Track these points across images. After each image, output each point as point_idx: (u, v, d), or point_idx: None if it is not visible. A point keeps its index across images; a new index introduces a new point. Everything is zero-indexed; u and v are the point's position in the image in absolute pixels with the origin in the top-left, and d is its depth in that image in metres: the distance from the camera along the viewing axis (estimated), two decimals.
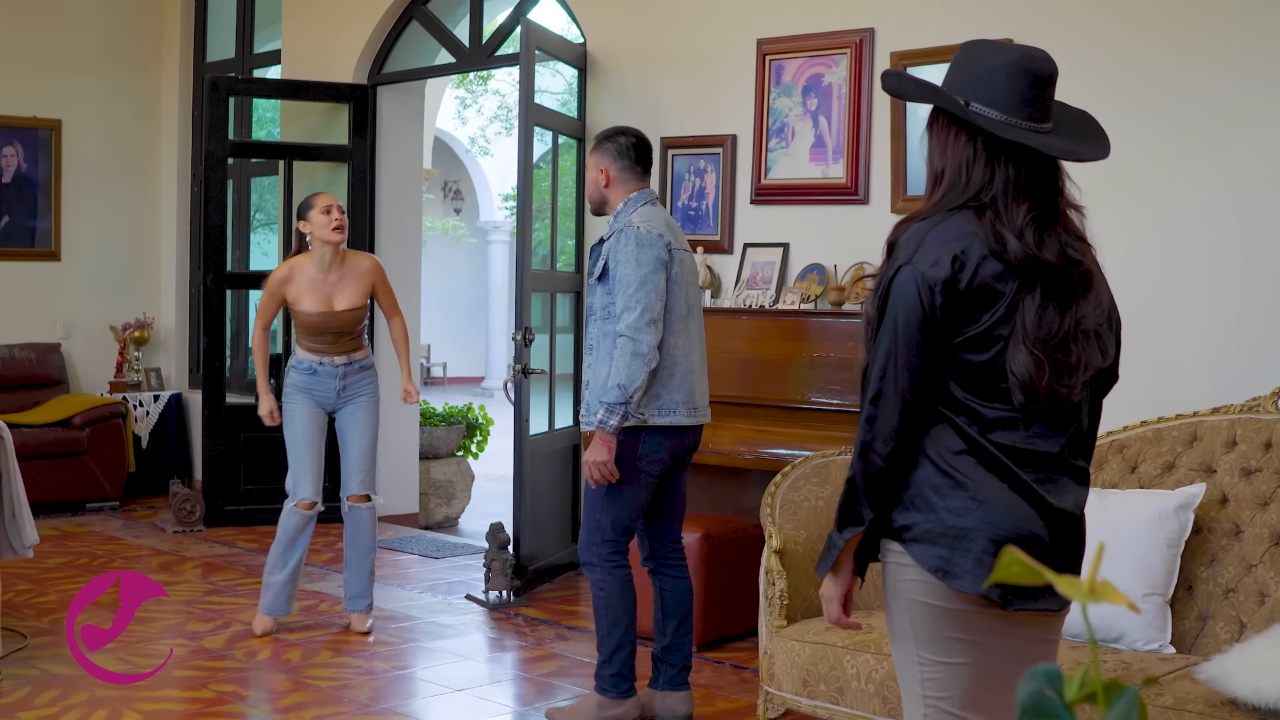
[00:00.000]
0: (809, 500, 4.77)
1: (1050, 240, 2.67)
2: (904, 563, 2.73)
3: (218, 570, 7.49)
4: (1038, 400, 2.64)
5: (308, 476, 6.11)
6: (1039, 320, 2.64)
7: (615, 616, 4.93)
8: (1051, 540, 2.69)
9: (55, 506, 8.98)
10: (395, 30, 8.88)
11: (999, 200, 2.68)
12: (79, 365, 9.96)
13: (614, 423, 4.73)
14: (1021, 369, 2.63)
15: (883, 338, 2.70)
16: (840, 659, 4.22)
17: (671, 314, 4.85)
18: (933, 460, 2.68)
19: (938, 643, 2.72)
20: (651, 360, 4.72)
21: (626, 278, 4.77)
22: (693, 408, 4.93)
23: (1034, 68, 2.71)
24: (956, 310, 2.64)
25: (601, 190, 5.05)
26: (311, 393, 6.13)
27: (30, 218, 9.80)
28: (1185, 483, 4.40)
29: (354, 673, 5.61)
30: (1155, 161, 5.53)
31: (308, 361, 6.13)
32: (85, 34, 9.97)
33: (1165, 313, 5.45)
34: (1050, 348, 2.64)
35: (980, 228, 2.66)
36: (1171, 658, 4.08)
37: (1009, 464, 2.66)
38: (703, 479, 6.67)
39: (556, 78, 13.07)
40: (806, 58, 6.66)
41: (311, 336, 6.10)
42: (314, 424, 6.14)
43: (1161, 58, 5.56)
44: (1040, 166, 2.71)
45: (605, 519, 4.91)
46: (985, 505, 2.65)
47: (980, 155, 2.71)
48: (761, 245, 6.78)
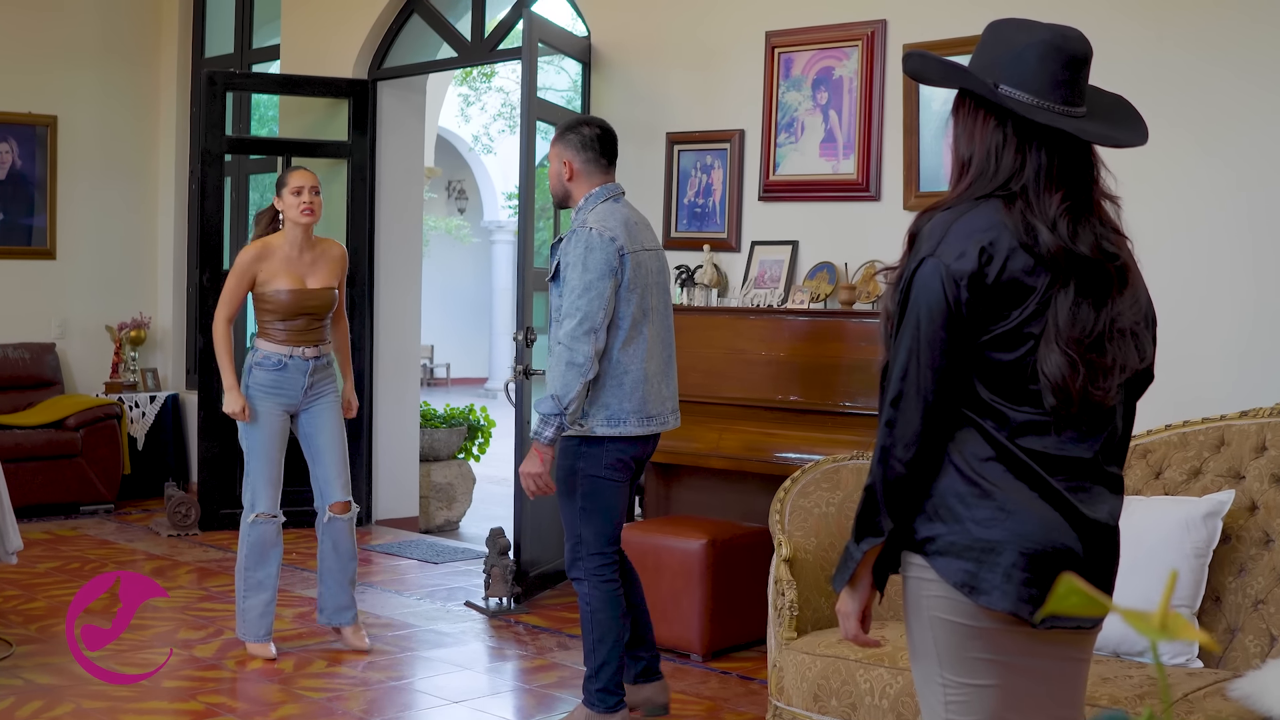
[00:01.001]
0: (819, 507, 4.59)
1: (1085, 232, 2.50)
2: (927, 577, 2.55)
3: (211, 576, 7.31)
4: (1071, 403, 2.46)
5: (269, 488, 5.74)
6: (1073, 318, 2.46)
7: (601, 632, 4.76)
8: (1085, 553, 2.51)
9: (48, 509, 8.82)
10: (396, 24, 8.71)
11: (1030, 189, 2.50)
12: (74, 365, 9.79)
13: (549, 434, 4.58)
14: (1054, 370, 2.45)
15: (904, 335, 2.52)
16: (853, 673, 4.03)
17: (622, 321, 4.66)
18: (958, 467, 2.51)
19: (963, 663, 2.54)
20: (588, 370, 4.56)
21: (571, 282, 4.60)
22: (645, 417, 4.73)
23: (1068, 47, 2.53)
24: (984, 306, 2.46)
25: (564, 184, 4.86)
26: (279, 393, 5.71)
27: (25, 215, 9.63)
28: (1213, 489, 4.22)
29: (348, 683, 5.44)
30: (1176, 157, 5.35)
31: (275, 356, 5.69)
32: (82, 28, 9.80)
33: (1188, 310, 5.27)
34: (1084, 347, 2.46)
35: (1009, 218, 2.48)
36: (1199, 672, 3.89)
37: (1039, 471, 2.49)
38: (709, 483, 6.50)
39: (562, 75, 12.91)
40: (816, 50, 6.48)
41: (282, 322, 5.69)
42: (278, 430, 5.74)
43: (1181, 52, 5.38)
44: (1074, 153, 2.53)
45: (587, 532, 4.76)
46: (1014, 515, 2.47)
47: (1010, 141, 2.53)
48: (770, 243, 6.60)
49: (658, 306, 4.82)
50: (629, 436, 4.71)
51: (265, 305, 5.72)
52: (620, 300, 4.66)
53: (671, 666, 5.63)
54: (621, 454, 4.73)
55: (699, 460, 6.19)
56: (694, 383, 6.32)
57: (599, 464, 4.70)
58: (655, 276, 4.83)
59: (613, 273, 4.61)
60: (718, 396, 6.29)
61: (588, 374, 4.55)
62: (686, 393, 6.23)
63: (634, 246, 4.72)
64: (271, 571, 5.76)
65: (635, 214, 4.89)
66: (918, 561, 2.56)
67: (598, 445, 4.69)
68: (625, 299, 4.67)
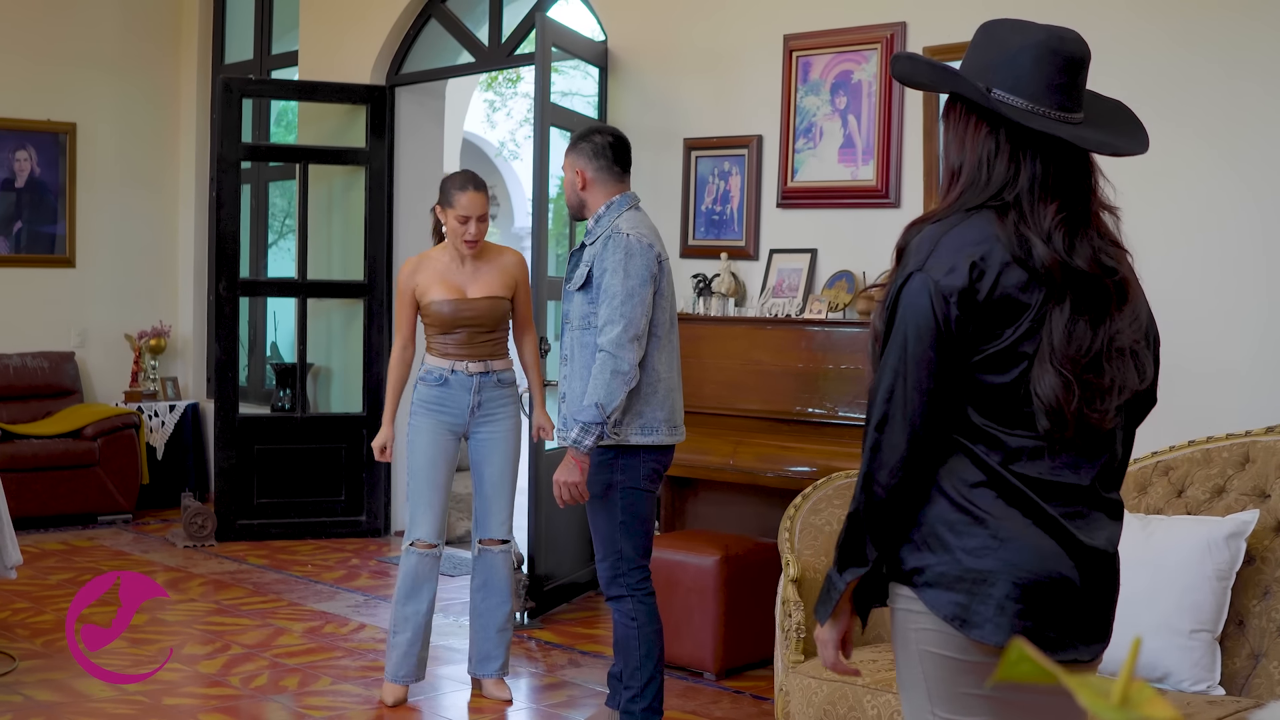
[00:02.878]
0: (830, 524, 4.45)
1: (1082, 245, 2.35)
2: (915, 610, 2.41)
3: (225, 588, 7.22)
4: (1065, 426, 2.32)
5: (427, 514, 5.25)
6: (1068, 336, 2.32)
7: (647, 648, 4.68)
8: (1082, 582, 2.37)
9: (66, 519, 8.75)
10: (414, 29, 8.62)
11: (1024, 200, 2.36)
12: (93, 374, 9.72)
13: (589, 443, 4.52)
14: (1047, 391, 2.31)
15: (890, 355, 2.39)
16: (860, 699, 3.89)
17: (657, 329, 4.62)
18: (948, 494, 2.37)
19: (954, 699, 2.41)
20: (632, 378, 4.51)
21: (612, 289, 4.51)
22: (673, 426, 4.71)
23: (1064, 49, 2.39)
24: (975, 324, 2.33)
25: (579, 193, 4.79)
26: (441, 411, 5.24)
27: (44, 223, 9.58)
28: (1237, 508, 4.05)
29: (352, 701, 5.33)
30: (1194, 163, 5.20)
31: (437, 370, 5.25)
32: (101, 36, 9.74)
33: (1214, 322, 5.11)
34: (1080, 367, 2.32)
35: (1002, 230, 2.34)
36: (1221, 700, 3.73)
37: (1034, 497, 2.35)
38: (723, 498, 6.37)
39: (589, 80, 12.80)
40: (835, 54, 6.34)
41: (442, 335, 5.26)
42: (440, 452, 5.25)
43: (1196, 57, 5.22)
44: (1071, 162, 2.40)
45: (627, 547, 4.68)
46: (1007, 544, 2.34)
47: (1003, 149, 2.39)
48: (788, 251, 6.47)
49: (674, 315, 4.79)
50: (660, 445, 4.66)
51: (426, 318, 5.32)
52: (656, 308, 4.62)
53: (683, 685, 5.51)
54: (656, 463, 4.69)
55: (713, 474, 6.06)
56: (710, 394, 6.19)
57: (637, 475, 4.65)
58: (671, 286, 4.78)
59: (653, 279, 4.58)
60: (734, 408, 6.15)
61: (631, 382, 4.51)
62: (703, 404, 6.11)
63: (665, 255, 4.70)
64: (420, 609, 5.28)
65: (652, 223, 4.83)
66: (905, 593, 2.43)
67: (634, 456, 4.63)
68: (660, 306, 4.64)
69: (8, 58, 9.33)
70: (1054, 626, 2.36)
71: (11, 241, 9.45)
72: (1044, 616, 2.34)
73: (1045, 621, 2.35)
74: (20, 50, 9.38)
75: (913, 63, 2.57)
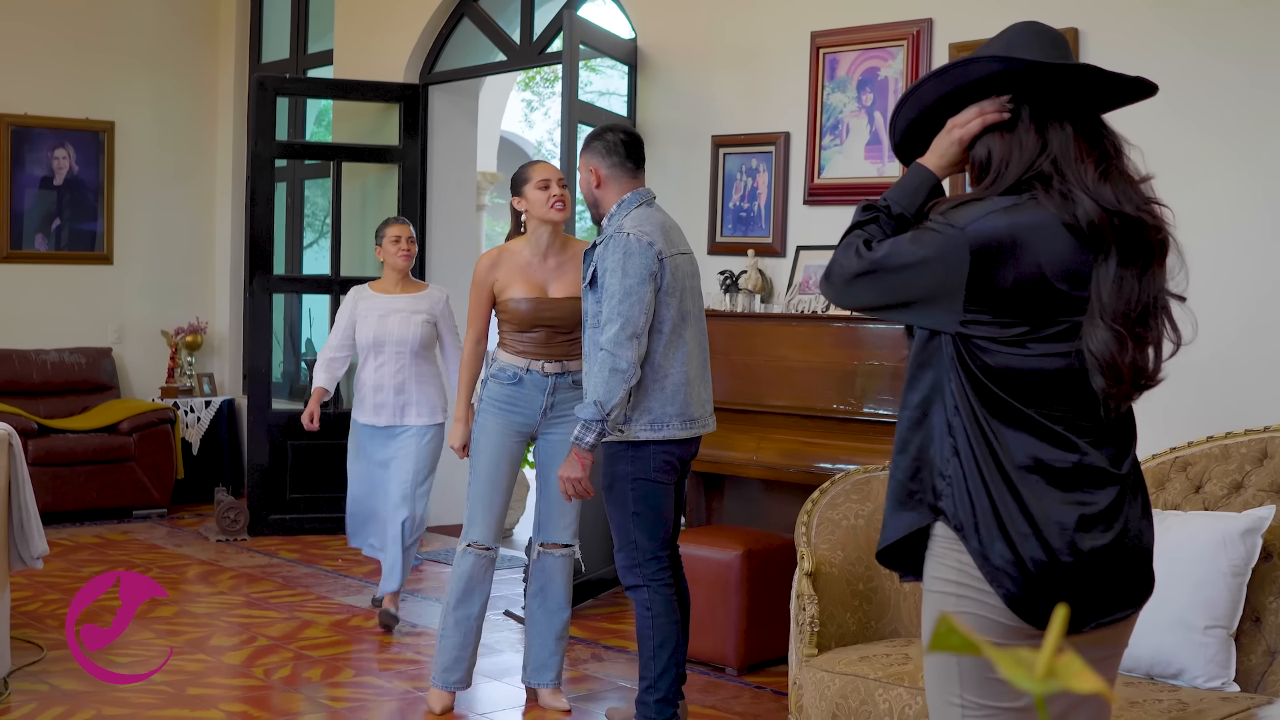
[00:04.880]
0: (848, 519, 4.45)
1: (1124, 195, 2.40)
2: (954, 593, 2.44)
3: (255, 582, 7.27)
4: (1121, 381, 2.36)
5: (486, 515, 5.11)
6: (1118, 288, 2.36)
7: (663, 636, 4.69)
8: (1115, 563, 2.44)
9: (102, 513, 8.84)
10: (447, 28, 8.65)
11: (1061, 162, 2.41)
12: (130, 370, 9.81)
13: (589, 439, 4.54)
14: (1100, 346, 2.34)
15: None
16: (872, 692, 3.89)
17: (662, 325, 4.62)
18: (1000, 472, 2.40)
19: (985, 684, 2.43)
20: (631, 376, 4.51)
21: (611, 288, 4.53)
22: (688, 420, 4.69)
23: (1048, 30, 2.51)
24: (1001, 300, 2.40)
25: (594, 191, 4.78)
26: (512, 410, 5.08)
27: (83, 221, 9.68)
28: (1254, 504, 4.03)
29: (374, 694, 5.36)
30: (1213, 163, 5.16)
31: (511, 368, 5.08)
32: (139, 35, 9.83)
33: (1230, 316, 5.08)
34: (1131, 321, 2.36)
35: (1049, 202, 2.40)
36: (1235, 697, 3.71)
37: (1068, 480, 2.39)
38: (746, 493, 6.38)
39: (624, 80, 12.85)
40: (862, 50, 6.33)
41: (519, 333, 5.09)
42: (505, 452, 5.10)
43: (1221, 57, 5.19)
44: (1092, 125, 2.46)
45: (641, 538, 4.70)
46: (1049, 527, 2.37)
47: (1028, 124, 2.45)
48: (815, 248, 6.46)
49: (693, 310, 4.76)
50: (673, 439, 4.66)
51: (502, 314, 5.14)
52: (660, 304, 4.61)
53: (705, 680, 5.51)
54: (668, 455, 4.68)
55: (737, 470, 6.06)
56: (736, 390, 6.20)
57: (647, 467, 4.67)
58: (690, 280, 4.78)
59: (652, 277, 4.57)
60: (760, 404, 6.15)
61: (630, 379, 4.51)
62: (728, 400, 6.11)
63: (671, 250, 4.67)
64: (472, 612, 5.14)
65: (667, 218, 4.82)
66: (947, 576, 2.45)
67: (643, 448, 4.65)
68: (664, 303, 4.62)
69: (48, 57, 9.43)
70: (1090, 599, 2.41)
71: (51, 239, 9.55)
72: (1087, 596, 2.40)
73: (1089, 600, 2.41)
74: (60, 50, 9.48)
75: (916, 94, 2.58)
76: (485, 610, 5.23)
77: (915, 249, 2.41)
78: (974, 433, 2.40)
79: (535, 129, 17.31)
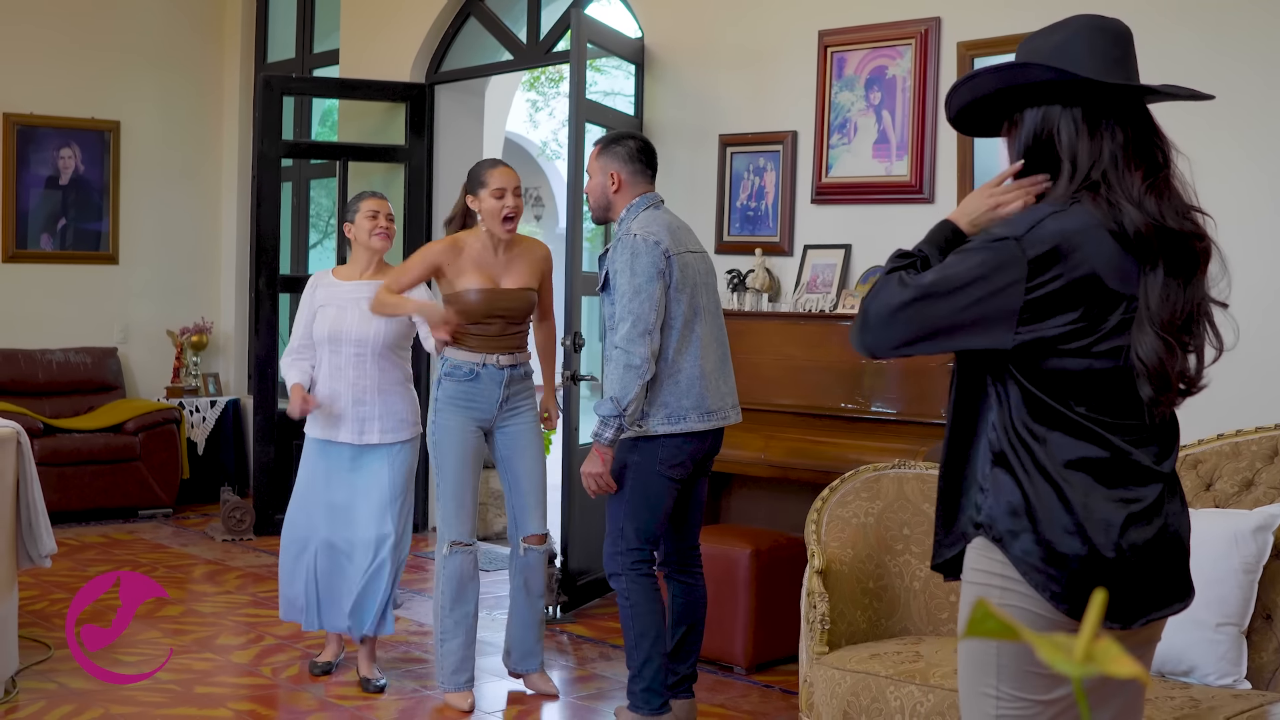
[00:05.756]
0: (858, 516, 4.44)
1: (1168, 208, 2.41)
2: (999, 585, 2.45)
3: (260, 581, 7.27)
4: (1169, 388, 2.37)
5: (459, 512, 5.14)
6: (1164, 298, 2.38)
7: (643, 627, 4.75)
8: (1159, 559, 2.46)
9: (107, 513, 8.84)
10: (453, 28, 8.65)
11: (1110, 173, 2.41)
12: (136, 370, 9.81)
13: (608, 435, 4.65)
14: (1149, 354, 2.36)
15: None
16: (883, 689, 3.88)
17: (674, 321, 4.72)
18: (1040, 470, 2.41)
19: (1023, 676, 2.43)
20: (645, 372, 4.61)
21: (621, 288, 4.66)
22: (705, 412, 4.77)
23: (1110, 26, 2.47)
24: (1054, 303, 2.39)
25: (610, 195, 4.91)
26: (471, 406, 5.14)
27: (89, 220, 9.67)
28: (1265, 502, 4.02)
29: (384, 693, 5.35)
30: (1224, 162, 5.15)
31: (467, 364, 5.12)
32: (145, 34, 9.83)
33: (1241, 313, 5.06)
34: (1176, 329, 2.38)
35: (1096, 209, 2.40)
36: (1246, 694, 3.70)
37: (1113, 476, 2.41)
38: (755, 492, 6.37)
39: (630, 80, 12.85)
40: (870, 49, 6.32)
41: (474, 326, 5.13)
42: (470, 449, 5.16)
43: (1233, 56, 5.18)
44: (1145, 131, 2.46)
45: (629, 527, 4.78)
46: (1094, 522, 2.38)
47: (1082, 129, 2.44)
48: (822, 247, 6.45)
49: (708, 306, 4.86)
50: (691, 432, 4.73)
51: (454, 306, 5.15)
52: (670, 301, 4.71)
53: (713, 679, 5.51)
54: (677, 449, 4.74)
55: (746, 468, 6.06)
56: (743, 389, 6.17)
57: (653, 459, 4.74)
58: (703, 278, 4.88)
59: (660, 275, 4.66)
60: (768, 403, 6.15)
61: (645, 375, 4.61)
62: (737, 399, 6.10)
63: (679, 249, 4.77)
64: (469, 610, 5.21)
65: (676, 219, 4.94)
66: (991, 569, 2.45)
67: (653, 441, 4.73)
68: (675, 299, 4.72)
69: (53, 57, 9.43)
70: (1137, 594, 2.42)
71: (56, 238, 9.55)
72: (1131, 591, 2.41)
73: (1134, 596, 2.42)
74: (65, 49, 9.48)
75: (971, 85, 2.54)
76: (479, 605, 5.32)
77: (969, 267, 2.37)
78: (1015, 440, 2.41)
79: (540, 129, 17.29)
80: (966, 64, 5.90)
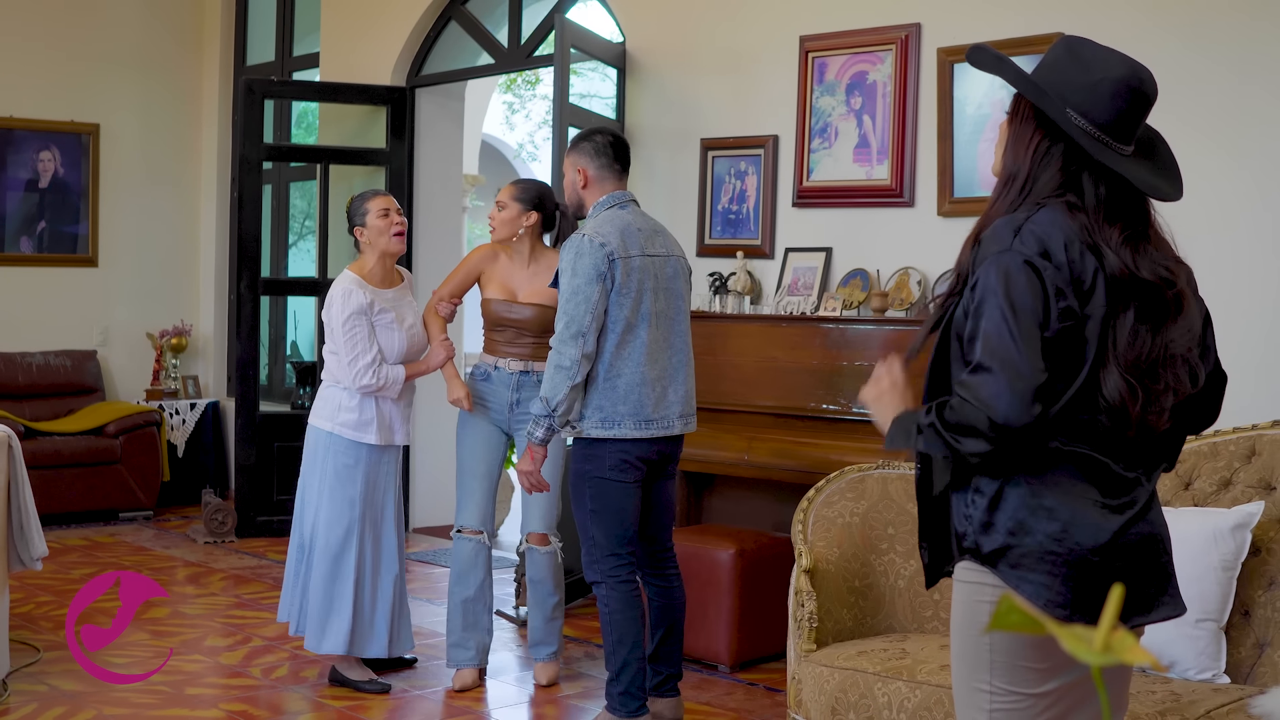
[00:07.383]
0: (843, 516, 4.52)
1: (1144, 259, 2.51)
2: (992, 583, 2.53)
3: (245, 583, 7.30)
4: (1128, 427, 2.46)
5: (468, 502, 5.45)
6: (1131, 341, 2.47)
7: (620, 633, 4.80)
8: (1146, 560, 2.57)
9: (88, 516, 8.85)
10: (434, 31, 8.69)
11: (1090, 216, 2.51)
12: (115, 373, 9.82)
13: (539, 434, 4.71)
14: (1113, 392, 2.45)
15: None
16: (871, 686, 3.96)
17: (613, 324, 4.68)
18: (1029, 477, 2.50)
19: (1015, 671, 2.52)
20: (575, 374, 4.62)
21: (562, 287, 4.67)
22: (643, 420, 4.73)
23: (1143, 89, 2.54)
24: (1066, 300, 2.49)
25: (579, 191, 4.92)
26: (485, 404, 5.44)
27: (68, 223, 9.68)
28: (1242, 500, 4.11)
29: (373, 693, 5.39)
30: (1202, 165, 5.24)
31: (483, 366, 5.47)
32: (124, 37, 9.84)
33: (1218, 317, 5.15)
34: (1141, 372, 2.47)
35: (1074, 221, 2.48)
36: (1225, 688, 3.79)
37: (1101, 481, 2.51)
38: (739, 493, 6.44)
39: (606, 82, 12.91)
40: (850, 55, 6.40)
41: (491, 329, 5.47)
42: (484, 443, 5.45)
43: (1211, 58, 5.28)
44: (1128, 189, 2.55)
45: (597, 534, 4.81)
46: (1080, 527, 2.47)
47: (1054, 161, 2.55)
48: (803, 250, 6.53)
49: (665, 311, 4.80)
50: (627, 438, 4.73)
51: (482, 309, 5.51)
52: (611, 304, 4.68)
53: (698, 678, 5.57)
54: (625, 454, 4.75)
55: (728, 469, 6.13)
56: (726, 391, 6.26)
57: (603, 465, 4.76)
58: (664, 282, 4.82)
59: (600, 277, 4.63)
60: (750, 405, 6.22)
61: (575, 377, 4.62)
62: (718, 401, 6.17)
63: (627, 252, 4.71)
64: (468, 595, 5.44)
65: (643, 220, 4.88)
66: (982, 570, 2.53)
67: (600, 446, 4.75)
68: (617, 303, 4.68)
69: (32, 59, 9.44)
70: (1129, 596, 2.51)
71: (35, 241, 9.56)
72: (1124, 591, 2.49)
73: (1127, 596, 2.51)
74: (44, 52, 9.49)
75: (999, 62, 2.61)
76: (486, 595, 5.52)
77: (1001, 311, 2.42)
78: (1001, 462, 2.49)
79: (516, 131, 17.34)
80: (946, 70, 5.98)
